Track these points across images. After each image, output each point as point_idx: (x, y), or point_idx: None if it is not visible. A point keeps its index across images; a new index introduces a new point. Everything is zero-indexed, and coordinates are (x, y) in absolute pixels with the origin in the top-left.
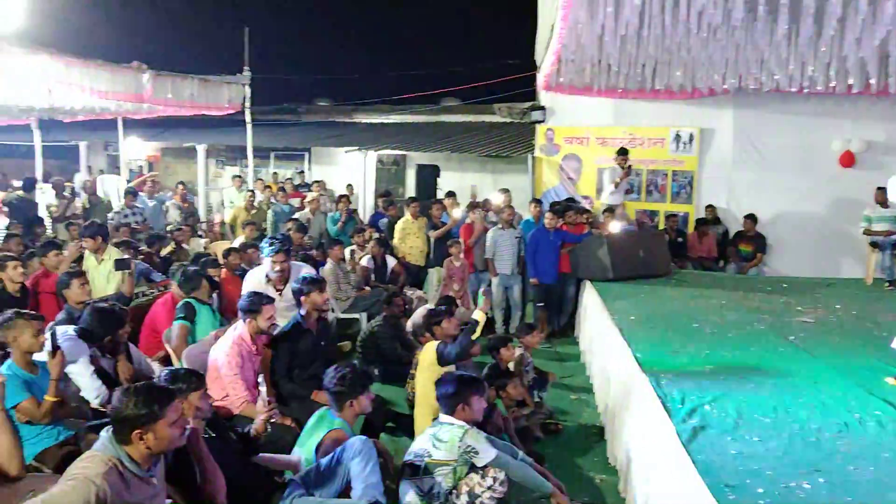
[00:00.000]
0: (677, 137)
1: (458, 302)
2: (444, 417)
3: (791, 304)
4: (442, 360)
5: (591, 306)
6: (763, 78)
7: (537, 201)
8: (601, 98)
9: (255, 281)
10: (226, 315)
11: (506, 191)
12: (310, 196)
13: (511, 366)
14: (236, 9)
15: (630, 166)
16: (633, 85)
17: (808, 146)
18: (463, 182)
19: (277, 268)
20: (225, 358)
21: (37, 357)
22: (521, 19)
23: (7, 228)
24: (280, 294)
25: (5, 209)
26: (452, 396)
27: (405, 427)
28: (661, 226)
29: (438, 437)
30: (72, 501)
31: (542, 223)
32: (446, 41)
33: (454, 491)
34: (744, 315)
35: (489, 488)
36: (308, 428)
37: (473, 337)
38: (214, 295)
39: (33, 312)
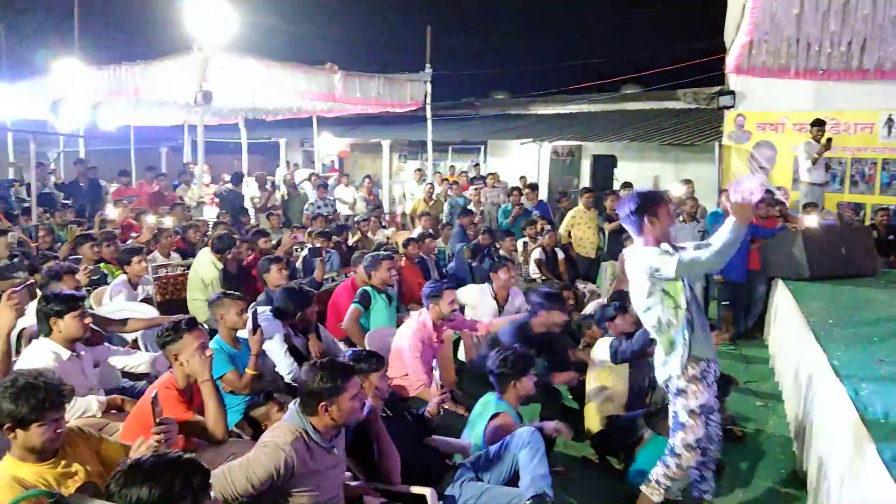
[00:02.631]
0: (889, 122)
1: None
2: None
3: None
4: (616, 357)
5: (783, 307)
6: None
7: (726, 192)
8: (799, 80)
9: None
10: (404, 302)
11: (688, 181)
12: (471, 189)
13: None
14: (419, 8)
15: (830, 139)
16: (838, 65)
17: None
18: (642, 173)
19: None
20: (407, 342)
21: (239, 334)
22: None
23: (217, 217)
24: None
25: (216, 200)
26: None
27: (572, 422)
28: (868, 220)
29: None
30: (264, 465)
31: None
32: (627, 27)
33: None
34: None
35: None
36: (475, 413)
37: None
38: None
39: (237, 293)
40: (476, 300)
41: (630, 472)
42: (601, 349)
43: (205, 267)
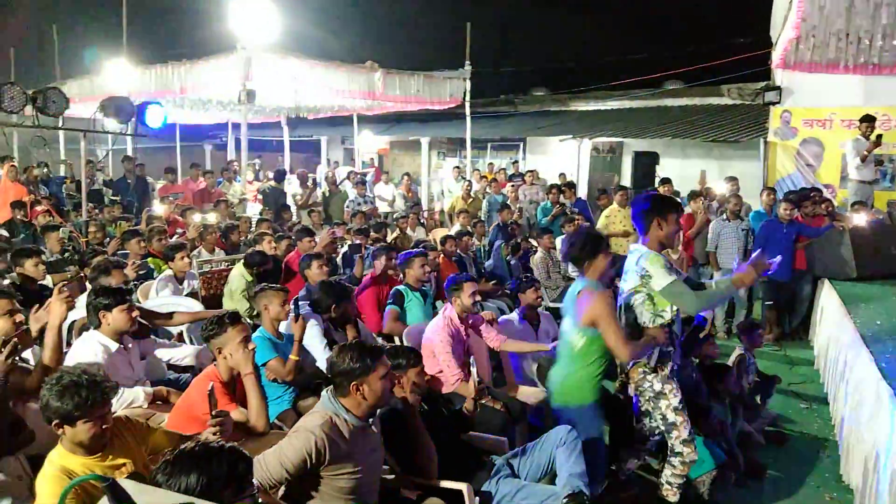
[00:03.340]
0: None
1: None
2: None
3: None
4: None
5: (829, 308)
6: None
7: (770, 190)
8: (848, 75)
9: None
10: (442, 299)
11: (732, 179)
12: (508, 186)
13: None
14: (458, 5)
15: (880, 136)
16: (889, 59)
17: None
18: (684, 170)
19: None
20: (436, 338)
21: (281, 327)
22: None
23: (260, 213)
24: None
25: (260, 196)
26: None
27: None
28: None
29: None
30: (296, 449)
31: (775, 214)
32: (669, 21)
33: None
34: None
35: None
36: (567, 298)
37: (702, 334)
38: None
39: (280, 286)
40: (511, 331)
41: None
42: None
43: (235, 277)
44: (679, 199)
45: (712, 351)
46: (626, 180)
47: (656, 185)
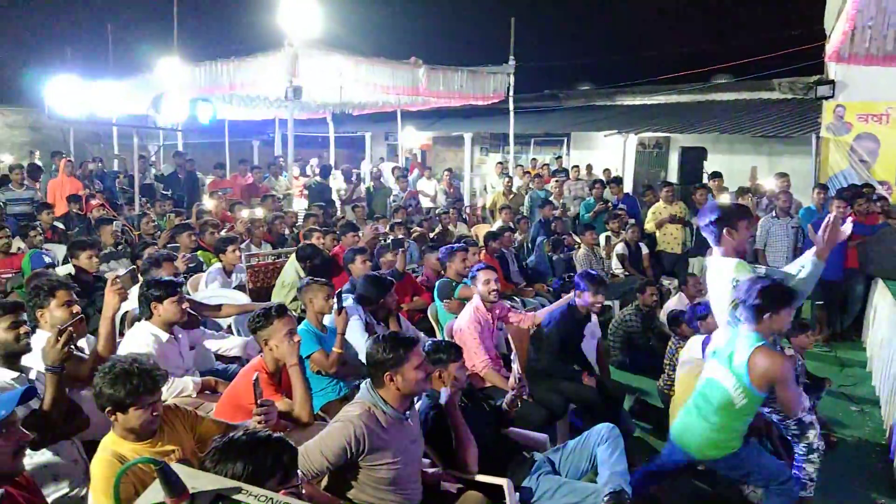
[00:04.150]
0: None
1: None
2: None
3: None
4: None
5: (883, 307)
6: None
7: (822, 187)
8: None
9: None
10: None
11: (783, 175)
12: (552, 182)
13: None
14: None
15: None
16: None
17: None
18: (732, 166)
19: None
20: (466, 325)
21: (325, 320)
22: None
23: (307, 209)
24: None
25: (306, 192)
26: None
27: (656, 421)
28: None
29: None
30: (336, 439)
31: (826, 211)
32: (717, 14)
33: None
34: None
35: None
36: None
37: None
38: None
39: (324, 280)
40: None
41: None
42: (693, 348)
43: (289, 272)
44: (728, 194)
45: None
46: (673, 176)
47: (705, 180)
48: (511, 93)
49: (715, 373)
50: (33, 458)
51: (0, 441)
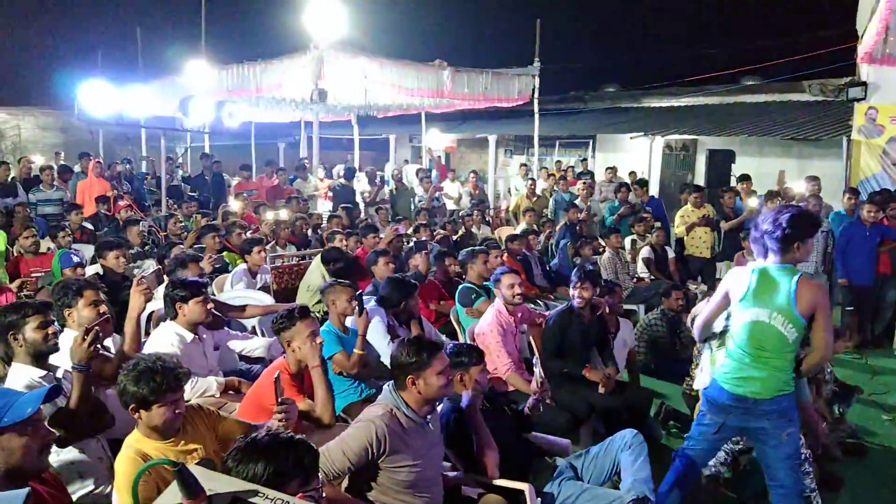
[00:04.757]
0: None
1: None
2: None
3: None
4: None
5: None
6: None
7: (853, 191)
8: None
9: None
10: None
11: (813, 178)
12: (578, 185)
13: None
14: (527, 1)
15: None
16: None
17: None
18: (761, 169)
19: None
20: (488, 328)
21: (347, 321)
22: None
23: (331, 211)
24: None
25: (330, 194)
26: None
27: (683, 427)
28: None
29: None
30: (358, 439)
31: (857, 216)
32: (746, 15)
33: None
34: None
35: None
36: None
37: None
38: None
39: (347, 281)
40: None
41: None
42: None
43: (314, 274)
44: (758, 197)
45: None
46: (700, 179)
47: (733, 183)
48: (536, 95)
49: (758, 316)
50: (59, 456)
51: (26, 438)
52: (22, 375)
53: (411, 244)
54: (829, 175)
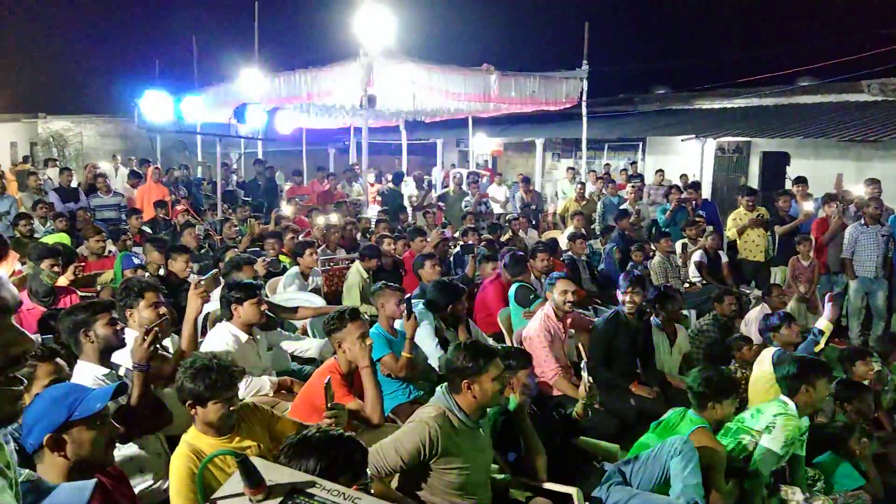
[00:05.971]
0: None
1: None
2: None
3: None
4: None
5: None
6: None
7: None
8: None
9: None
10: None
11: (873, 181)
12: (628, 188)
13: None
14: (576, 3)
15: None
16: None
17: None
18: (817, 171)
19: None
20: (535, 333)
21: (396, 324)
22: None
23: (379, 214)
24: None
25: (378, 198)
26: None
27: None
28: None
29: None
30: (411, 439)
31: None
32: (802, 14)
33: None
34: None
35: None
36: (668, 421)
37: (817, 349)
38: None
39: (396, 285)
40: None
41: None
42: (764, 360)
43: (353, 273)
44: (814, 200)
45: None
46: (753, 182)
47: (787, 186)
48: (584, 98)
49: None
50: (121, 451)
51: (95, 432)
52: (87, 373)
53: (457, 248)
54: (891, 177)
